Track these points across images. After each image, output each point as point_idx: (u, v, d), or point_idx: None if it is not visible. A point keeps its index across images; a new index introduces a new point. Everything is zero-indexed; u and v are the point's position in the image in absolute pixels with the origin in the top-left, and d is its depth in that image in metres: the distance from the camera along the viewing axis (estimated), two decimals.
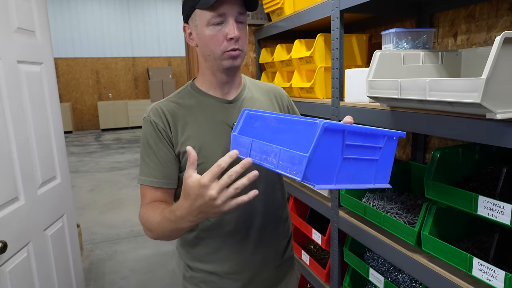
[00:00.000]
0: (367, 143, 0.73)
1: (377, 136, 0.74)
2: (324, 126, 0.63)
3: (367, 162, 0.74)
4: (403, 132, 0.78)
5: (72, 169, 6.11)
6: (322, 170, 0.66)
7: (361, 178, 0.74)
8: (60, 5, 10.16)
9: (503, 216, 0.88)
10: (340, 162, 0.69)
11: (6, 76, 1.36)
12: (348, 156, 0.69)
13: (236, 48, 0.92)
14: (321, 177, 0.66)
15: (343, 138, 0.67)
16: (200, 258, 1.05)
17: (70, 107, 10.20)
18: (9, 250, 1.30)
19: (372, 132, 0.73)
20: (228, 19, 0.90)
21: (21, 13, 1.50)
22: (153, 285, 2.78)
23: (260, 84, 1.15)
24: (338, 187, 0.70)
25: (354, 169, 0.72)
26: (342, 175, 0.70)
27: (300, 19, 1.74)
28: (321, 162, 0.65)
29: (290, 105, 1.18)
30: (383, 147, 0.76)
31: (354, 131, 0.69)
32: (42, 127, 1.63)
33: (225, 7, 0.89)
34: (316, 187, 0.66)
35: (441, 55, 1.22)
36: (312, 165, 0.64)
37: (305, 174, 0.64)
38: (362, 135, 0.71)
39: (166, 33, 11.18)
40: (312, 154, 0.63)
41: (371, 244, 1.31)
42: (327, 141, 0.65)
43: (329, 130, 0.64)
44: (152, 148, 0.96)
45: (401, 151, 1.77)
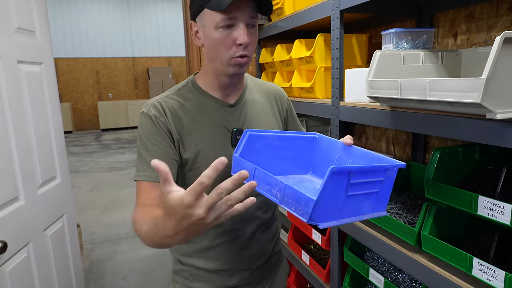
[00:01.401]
0: (369, 179, 0.73)
1: (379, 171, 0.75)
2: (332, 171, 0.63)
3: (368, 195, 0.75)
4: (403, 163, 0.78)
5: (72, 169, 6.11)
6: (326, 209, 0.67)
7: (361, 210, 0.75)
8: (60, 5, 10.16)
9: (503, 216, 0.88)
10: (344, 200, 0.69)
11: (6, 76, 1.36)
12: (352, 193, 0.70)
13: (245, 54, 0.89)
14: (326, 216, 0.67)
15: (348, 178, 0.68)
16: (190, 254, 1.05)
17: (70, 107, 10.20)
18: (9, 250, 1.30)
19: (374, 169, 0.74)
20: (239, 24, 0.86)
21: (21, 13, 1.50)
22: (153, 285, 2.78)
23: (262, 84, 1.12)
24: (340, 223, 0.71)
25: (355, 203, 0.73)
26: (344, 211, 0.71)
27: (300, 19, 1.74)
28: (327, 202, 0.66)
29: (289, 108, 1.16)
30: (384, 180, 0.76)
31: (358, 170, 0.70)
32: (42, 127, 1.63)
33: (237, 11, 0.84)
34: (321, 226, 0.66)
35: (441, 55, 1.22)
36: (318, 207, 0.64)
37: (311, 217, 0.65)
38: (366, 172, 0.72)
39: (166, 33, 11.18)
40: (320, 198, 0.64)
41: (371, 244, 1.31)
42: (334, 183, 0.65)
43: (336, 174, 0.65)
44: (151, 142, 0.91)
45: (401, 151, 1.77)
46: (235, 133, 0.97)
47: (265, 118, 1.05)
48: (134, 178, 0.93)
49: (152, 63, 11.24)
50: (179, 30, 10.64)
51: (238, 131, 0.97)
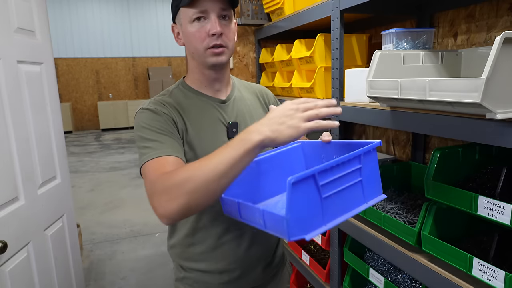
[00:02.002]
0: (343, 172, 0.69)
1: (351, 160, 0.71)
2: (290, 182, 0.60)
3: (351, 188, 0.71)
4: (378, 141, 0.75)
5: (72, 169, 6.11)
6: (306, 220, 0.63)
7: (351, 204, 0.72)
8: (60, 5, 10.17)
9: (503, 216, 0.88)
10: (322, 203, 0.66)
11: (6, 76, 1.36)
12: (328, 194, 0.67)
13: (219, 44, 0.92)
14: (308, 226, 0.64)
15: (315, 182, 0.64)
16: (194, 258, 1.04)
17: (70, 107, 10.20)
18: (9, 250, 1.30)
19: (344, 160, 0.69)
20: (210, 15, 0.90)
21: (21, 13, 1.50)
22: (153, 285, 2.78)
23: (247, 84, 1.16)
24: (330, 226, 0.67)
25: (339, 201, 0.69)
26: (329, 212, 0.67)
27: (300, 19, 1.74)
28: (302, 213, 0.63)
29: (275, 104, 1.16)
30: (363, 165, 0.73)
31: (324, 169, 0.66)
32: (42, 127, 1.63)
33: (207, 4, 0.89)
34: (307, 237, 0.63)
35: (441, 55, 1.22)
36: (294, 222, 0.61)
37: (289, 233, 0.62)
38: (334, 168, 0.68)
39: (166, 33, 11.18)
40: (290, 214, 0.61)
41: (371, 244, 1.31)
42: (301, 193, 0.62)
43: (297, 183, 0.61)
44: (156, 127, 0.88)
45: (401, 151, 1.77)
46: (230, 126, 0.99)
47: (255, 114, 1.07)
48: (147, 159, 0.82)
49: (152, 63, 11.24)
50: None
51: (232, 124, 1.00)
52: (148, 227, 3.83)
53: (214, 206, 0.98)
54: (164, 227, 3.79)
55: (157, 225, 3.86)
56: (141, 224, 3.90)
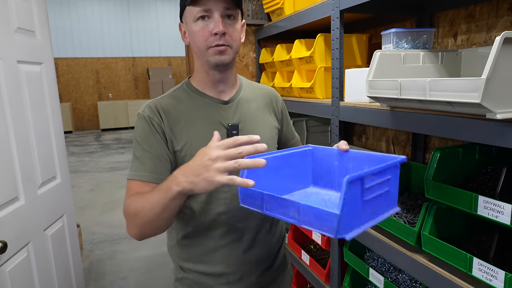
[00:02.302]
0: (379, 180, 0.74)
1: (386, 170, 0.76)
2: (348, 181, 0.63)
3: (380, 196, 0.75)
4: (404, 157, 0.80)
5: (72, 169, 6.11)
6: (349, 220, 0.66)
7: (377, 212, 0.75)
8: (60, 5, 10.17)
9: (503, 216, 0.88)
10: (361, 206, 0.69)
11: (6, 76, 1.36)
12: (367, 198, 0.71)
13: (221, 43, 0.91)
14: (350, 227, 0.66)
15: (362, 184, 0.68)
16: (193, 259, 1.04)
17: (70, 107, 10.20)
18: (9, 250, 1.30)
19: (381, 169, 0.74)
20: (214, 14, 0.90)
21: (21, 13, 1.50)
22: (153, 285, 2.78)
23: (256, 86, 1.14)
24: (362, 230, 0.70)
25: (371, 207, 0.73)
26: (363, 216, 0.71)
27: (300, 19, 1.74)
28: (349, 213, 0.65)
29: (284, 110, 1.17)
30: (392, 177, 0.78)
31: (370, 174, 0.70)
32: (42, 127, 1.63)
33: (211, 2, 0.89)
34: (348, 237, 0.65)
35: (441, 55, 1.22)
36: (343, 220, 0.64)
37: (338, 231, 0.64)
38: (376, 174, 0.72)
39: (166, 33, 11.18)
40: (342, 212, 0.63)
41: (371, 244, 1.31)
42: (351, 193, 0.65)
43: (351, 182, 0.64)
44: (145, 143, 0.94)
45: (401, 151, 1.77)
46: (230, 128, 0.98)
47: (261, 117, 1.06)
48: (127, 177, 0.95)
49: (152, 63, 11.24)
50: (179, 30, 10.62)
51: (232, 126, 0.98)
52: None
53: (214, 208, 0.98)
54: None
55: None
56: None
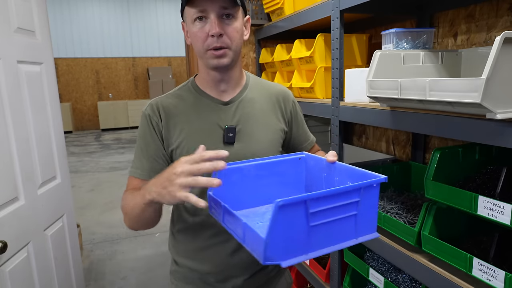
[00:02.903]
0: (338, 203, 0.65)
1: (350, 192, 0.66)
2: (278, 205, 0.57)
3: (342, 220, 0.66)
4: (384, 177, 0.69)
5: (72, 169, 6.11)
6: (286, 245, 0.60)
7: (339, 237, 0.67)
8: (60, 5, 10.16)
9: (503, 216, 0.88)
10: (308, 231, 0.62)
11: (6, 76, 1.36)
12: (316, 223, 0.62)
13: (219, 46, 0.89)
14: (287, 253, 0.60)
15: (306, 208, 0.61)
16: (184, 254, 1.05)
17: (70, 107, 10.20)
18: (9, 250, 1.30)
19: (342, 191, 0.64)
20: (210, 15, 0.88)
21: (21, 13, 1.50)
22: (153, 285, 2.78)
23: (266, 84, 1.10)
24: (312, 256, 0.63)
25: (327, 231, 0.65)
26: (313, 242, 0.63)
27: (300, 19, 1.74)
28: (284, 238, 0.59)
29: (293, 111, 1.11)
30: (361, 199, 0.67)
31: (318, 197, 0.61)
32: (42, 127, 1.63)
33: (206, 3, 0.86)
34: (284, 264, 0.59)
35: (441, 55, 1.22)
36: (273, 246, 0.58)
37: (265, 257, 0.58)
38: (329, 197, 0.63)
39: (166, 33, 11.18)
40: (270, 238, 0.57)
41: (371, 244, 1.31)
42: (286, 217, 0.59)
43: (286, 206, 0.58)
44: (144, 142, 0.98)
45: (401, 151, 1.77)
46: (226, 131, 0.96)
47: (263, 118, 1.03)
48: (128, 173, 1.01)
49: (152, 63, 11.24)
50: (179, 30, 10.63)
51: (229, 129, 0.97)
52: None
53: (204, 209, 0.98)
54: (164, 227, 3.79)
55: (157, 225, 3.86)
56: None
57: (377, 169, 1.52)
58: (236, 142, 0.97)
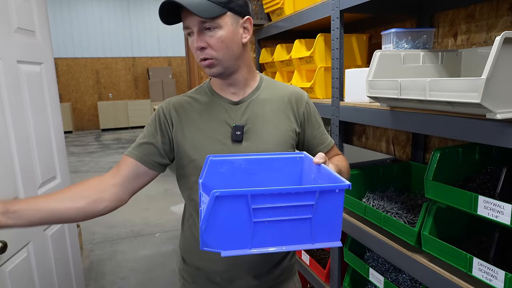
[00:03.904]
0: (288, 203, 0.63)
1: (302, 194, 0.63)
2: (214, 196, 0.58)
3: (294, 222, 0.65)
4: (346, 184, 0.65)
5: (72, 169, 6.11)
6: (226, 236, 0.62)
7: (291, 238, 0.66)
8: (60, 5, 10.16)
9: (503, 216, 0.88)
10: (251, 226, 0.62)
11: (6, 76, 1.36)
12: (261, 219, 0.63)
13: (203, 58, 0.93)
14: (228, 243, 0.62)
15: (247, 203, 0.61)
16: (194, 253, 1.07)
17: (70, 107, 10.20)
18: (9, 250, 1.30)
19: (291, 191, 0.62)
20: (193, 30, 0.91)
21: (21, 13, 1.50)
22: (153, 285, 2.78)
23: (280, 86, 1.10)
24: (256, 252, 0.64)
25: (275, 230, 0.64)
26: (259, 238, 0.64)
27: (300, 19, 1.74)
28: (223, 228, 0.61)
29: (307, 112, 1.09)
30: (317, 204, 0.65)
31: (261, 193, 0.61)
32: (42, 127, 1.63)
33: (187, 20, 0.90)
34: (223, 254, 0.62)
35: (441, 55, 1.22)
36: (211, 233, 0.61)
37: (203, 242, 0.61)
38: (275, 196, 0.62)
39: (166, 33, 11.17)
40: (206, 224, 0.60)
41: (371, 244, 1.31)
42: (225, 208, 0.60)
43: (223, 198, 0.59)
44: (147, 130, 1.02)
45: (401, 151, 1.77)
46: (234, 129, 0.99)
47: (273, 119, 1.03)
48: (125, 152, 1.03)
49: (152, 63, 11.24)
50: (179, 30, 10.63)
51: (237, 127, 0.99)
52: (148, 227, 3.83)
53: None
54: (164, 227, 3.80)
55: (157, 225, 3.86)
56: (141, 224, 3.90)
57: (377, 169, 1.53)
58: (244, 140, 1.00)
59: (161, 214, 4.16)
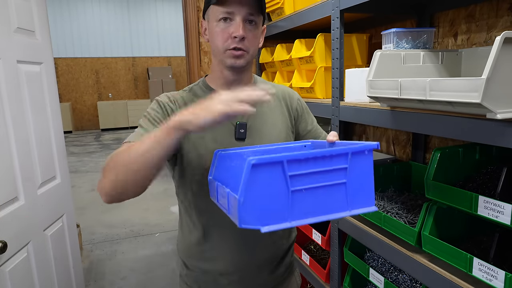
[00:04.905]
0: (322, 168, 0.61)
1: (334, 157, 0.62)
2: (250, 164, 0.54)
3: (330, 188, 0.63)
4: (374, 143, 0.66)
5: (72, 169, 6.11)
6: (265, 209, 0.57)
7: (328, 207, 0.63)
8: (60, 5, 10.16)
9: (503, 216, 0.88)
10: (289, 196, 0.59)
11: (6, 76, 1.36)
12: (298, 188, 0.60)
13: (239, 47, 0.93)
14: (267, 218, 0.58)
15: (283, 170, 0.58)
16: (197, 256, 1.04)
17: (70, 107, 10.19)
18: (9, 250, 1.30)
19: (326, 154, 0.61)
20: (236, 18, 0.92)
21: (21, 13, 1.50)
22: (153, 285, 2.78)
23: (272, 85, 1.14)
24: (296, 224, 0.60)
25: (313, 199, 0.61)
26: (297, 209, 0.60)
27: (300, 19, 1.74)
28: (261, 201, 0.57)
29: (300, 108, 1.13)
30: (350, 167, 0.64)
31: (297, 159, 0.58)
32: (42, 127, 1.63)
33: (235, 6, 0.91)
34: (263, 230, 0.57)
35: (441, 55, 1.22)
36: (248, 208, 0.56)
37: (241, 219, 0.56)
38: (311, 160, 0.60)
39: (166, 33, 11.17)
40: (244, 197, 0.55)
41: (371, 244, 1.31)
42: (262, 178, 0.56)
43: (259, 166, 0.55)
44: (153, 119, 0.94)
45: (401, 151, 1.77)
46: (238, 126, 1.00)
47: (271, 116, 1.06)
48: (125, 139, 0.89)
49: (152, 63, 11.23)
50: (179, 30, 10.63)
51: (240, 125, 1.00)
52: (148, 227, 3.83)
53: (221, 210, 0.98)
54: (164, 227, 3.80)
55: (157, 225, 3.86)
56: (141, 224, 3.90)
57: (377, 169, 1.53)
58: (247, 138, 1.00)
59: (161, 214, 4.16)
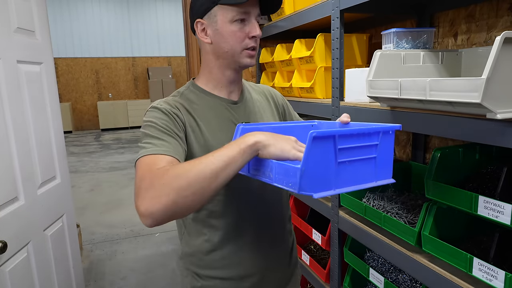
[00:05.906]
0: (361, 143, 0.72)
1: (371, 134, 0.73)
2: (312, 136, 0.62)
3: (365, 162, 0.74)
4: (398, 125, 0.77)
5: (72, 169, 6.11)
6: (318, 178, 0.66)
7: (362, 178, 0.74)
8: (60, 5, 10.16)
9: (503, 216, 0.88)
10: (336, 167, 0.68)
11: (6, 76, 1.36)
12: (343, 160, 0.69)
13: (256, 46, 0.97)
14: (318, 186, 0.66)
15: (334, 143, 0.67)
16: (213, 265, 1.01)
17: (70, 107, 10.20)
18: (9, 250, 1.30)
19: (365, 132, 0.72)
20: (251, 18, 0.94)
21: (21, 13, 1.50)
22: (153, 285, 2.78)
23: (254, 86, 1.17)
24: (339, 192, 0.70)
25: (352, 171, 0.71)
26: (340, 179, 0.69)
27: (300, 19, 1.74)
28: (316, 170, 0.65)
29: (285, 104, 1.19)
30: (380, 144, 0.75)
31: (345, 134, 0.68)
32: (42, 127, 1.62)
33: (250, 7, 0.92)
34: (315, 196, 0.65)
35: (441, 55, 1.22)
36: (307, 176, 0.64)
37: (300, 186, 0.64)
38: (355, 136, 0.70)
39: (166, 33, 11.18)
40: (305, 166, 0.63)
41: (371, 244, 1.31)
42: (319, 150, 0.65)
43: (318, 138, 0.64)
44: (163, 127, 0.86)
45: (401, 151, 1.77)
46: None
47: (265, 115, 1.09)
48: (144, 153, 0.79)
49: (152, 63, 11.24)
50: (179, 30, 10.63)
51: None
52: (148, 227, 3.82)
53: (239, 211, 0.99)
54: (164, 227, 3.79)
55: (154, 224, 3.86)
56: (141, 224, 3.90)
57: None
58: None
59: None
